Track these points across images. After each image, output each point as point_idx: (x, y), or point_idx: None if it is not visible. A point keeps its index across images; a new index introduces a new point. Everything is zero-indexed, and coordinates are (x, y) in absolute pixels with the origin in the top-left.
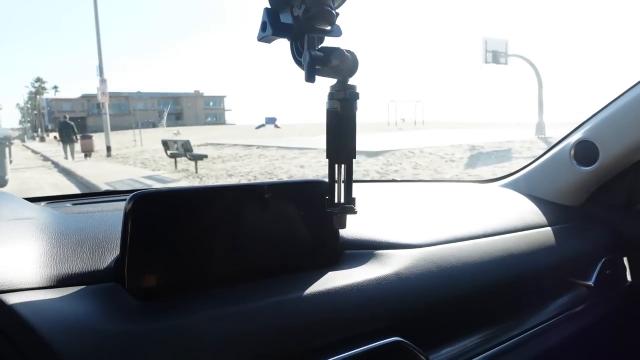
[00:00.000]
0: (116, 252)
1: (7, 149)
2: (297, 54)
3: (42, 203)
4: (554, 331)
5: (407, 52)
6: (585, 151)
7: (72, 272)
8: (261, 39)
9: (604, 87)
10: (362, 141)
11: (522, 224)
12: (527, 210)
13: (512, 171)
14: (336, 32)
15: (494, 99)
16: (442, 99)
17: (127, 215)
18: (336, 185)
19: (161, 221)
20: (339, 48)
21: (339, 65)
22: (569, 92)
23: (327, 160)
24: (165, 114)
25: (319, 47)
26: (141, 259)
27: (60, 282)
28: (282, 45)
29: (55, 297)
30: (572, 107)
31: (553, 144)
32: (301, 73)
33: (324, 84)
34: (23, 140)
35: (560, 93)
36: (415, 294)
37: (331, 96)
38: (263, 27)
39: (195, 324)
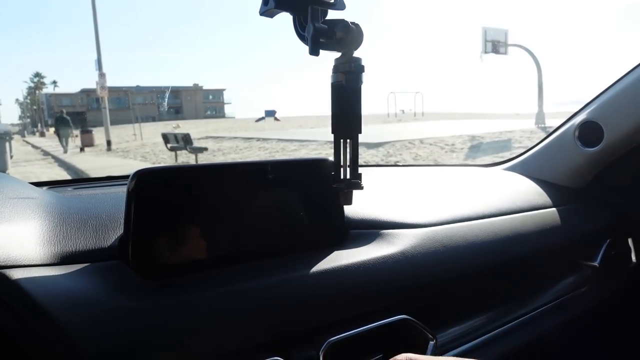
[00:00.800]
0: (120, 231)
1: (7, 144)
2: (300, 28)
3: (44, 188)
4: (559, 311)
5: (407, 43)
6: (589, 132)
7: (76, 250)
8: (263, 12)
9: (601, 77)
10: (362, 133)
11: (528, 205)
12: (531, 192)
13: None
14: (340, 4)
15: (493, 90)
16: (442, 90)
17: (131, 193)
18: (342, 161)
19: (165, 199)
20: (343, 20)
21: (344, 37)
22: (567, 82)
23: (327, 152)
24: (166, 98)
25: (323, 20)
26: (146, 237)
27: (64, 259)
28: (284, 28)
29: (59, 273)
30: (570, 97)
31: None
32: (302, 64)
33: (326, 73)
34: (23, 136)
35: (559, 83)
36: (422, 273)
37: (336, 69)
38: (265, 0)
39: (201, 301)
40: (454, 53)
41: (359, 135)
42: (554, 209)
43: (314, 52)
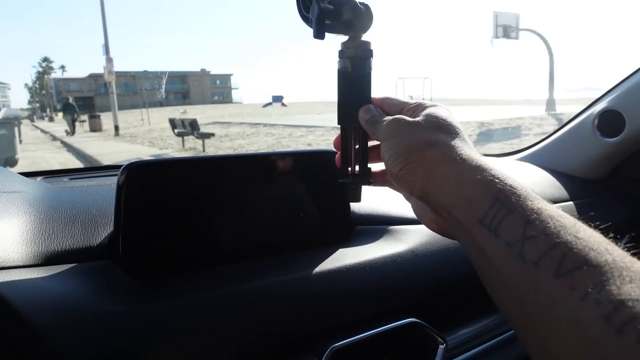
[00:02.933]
0: (111, 227)
1: (16, 129)
2: (304, 9)
3: (39, 178)
4: None
5: (416, 27)
6: (610, 121)
7: (62, 249)
8: None
9: (615, 64)
10: None
11: (546, 198)
12: (547, 184)
13: (522, 147)
14: None
15: (504, 75)
16: (451, 76)
17: (120, 187)
18: (349, 153)
19: (158, 194)
20: (351, 0)
21: (352, 18)
22: (579, 68)
23: (334, 138)
24: (163, 84)
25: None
26: (137, 235)
27: (48, 259)
28: (291, 13)
29: (41, 275)
30: (582, 84)
31: (564, 120)
32: (309, 49)
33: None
34: (32, 120)
35: (571, 69)
36: (432, 272)
37: (342, 54)
38: None
39: (197, 304)
40: (464, 38)
41: None
42: (570, 202)
43: (319, 35)
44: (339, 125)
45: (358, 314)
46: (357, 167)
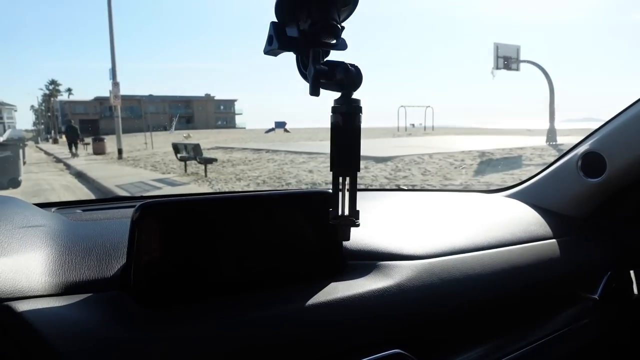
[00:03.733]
0: (123, 260)
1: (21, 151)
2: (302, 67)
3: (53, 209)
4: (558, 345)
5: (418, 57)
6: (592, 163)
7: (79, 280)
8: (267, 52)
9: (615, 96)
10: (371, 146)
11: (527, 236)
12: (532, 222)
13: (522, 179)
14: (341, 45)
15: (505, 105)
16: (453, 105)
17: (134, 224)
18: (340, 197)
19: (167, 230)
20: (343, 62)
21: (343, 79)
22: (579, 99)
23: None
24: (175, 119)
25: (324, 60)
26: (147, 267)
27: (68, 289)
28: (290, 54)
29: (62, 304)
30: (582, 114)
31: (563, 152)
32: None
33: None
34: (37, 142)
35: (572, 100)
36: (417, 306)
37: (335, 110)
38: (269, 40)
39: (200, 332)
40: (466, 68)
41: (364, 155)
42: (554, 240)
43: (315, 92)
44: (331, 172)
45: (347, 344)
46: (346, 210)
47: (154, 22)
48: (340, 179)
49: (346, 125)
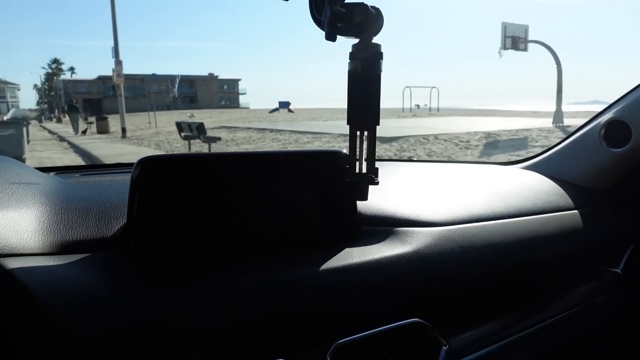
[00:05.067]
0: (123, 220)
1: (24, 129)
2: (316, 12)
3: (52, 173)
4: (578, 319)
5: (424, 36)
6: (616, 132)
7: (77, 239)
8: None
9: (622, 77)
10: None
11: (548, 206)
12: (552, 193)
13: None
14: None
15: (511, 86)
16: (459, 86)
17: (135, 181)
18: (357, 153)
19: (170, 188)
20: (363, 3)
21: (362, 21)
22: (587, 81)
23: (340, 145)
24: (176, 85)
25: (341, 3)
26: (149, 227)
27: (64, 249)
28: (299, 19)
29: (57, 263)
30: (589, 96)
31: (569, 132)
32: (317, 56)
33: (342, 65)
34: (40, 121)
35: (579, 82)
36: (436, 274)
37: (352, 56)
38: None
39: (205, 295)
40: (472, 48)
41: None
42: (575, 211)
43: (331, 37)
44: (348, 125)
45: (362, 312)
46: (364, 167)
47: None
48: (358, 134)
49: (366, 73)
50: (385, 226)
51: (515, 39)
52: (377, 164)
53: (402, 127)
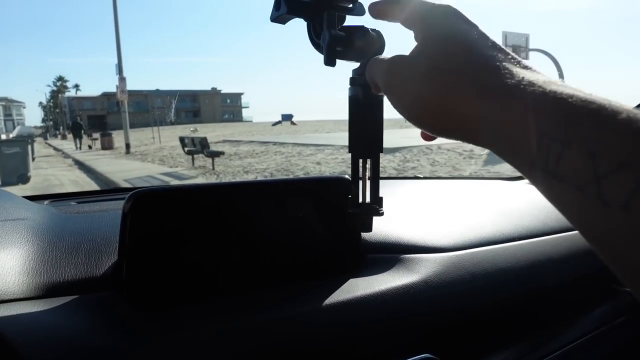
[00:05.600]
0: (115, 256)
1: (29, 147)
2: (315, 36)
3: (46, 202)
4: (596, 344)
5: None
6: None
7: (64, 280)
8: (274, 19)
9: (622, 85)
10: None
11: (559, 226)
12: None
13: None
14: (359, 10)
15: None
16: None
17: (126, 215)
18: (360, 182)
19: (164, 223)
20: (363, 26)
21: (363, 45)
22: (589, 89)
23: (343, 157)
24: (173, 108)
25: (340, 27)
26: (142, 265)
27: (50, 291)
28: (300, 36)
29: (42, 309)
30: None
31: None
32: (318, 68)
33: (344, 79)
34: (45, 138)
35: (588, 89)
36: (446, 304)
37: (353, 81)
38: (277, 5)
39: (203, 337)
40: None
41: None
42: None
43: (330, 62)
44: (350, 153)
45: (370, 348)
46: (367, 197)
47: (160, 16)
48: (361, 162)
49: (367, 99)
50: (391, 253)
51: (516, 48)
52: (380, 183)
53: (405, 138)
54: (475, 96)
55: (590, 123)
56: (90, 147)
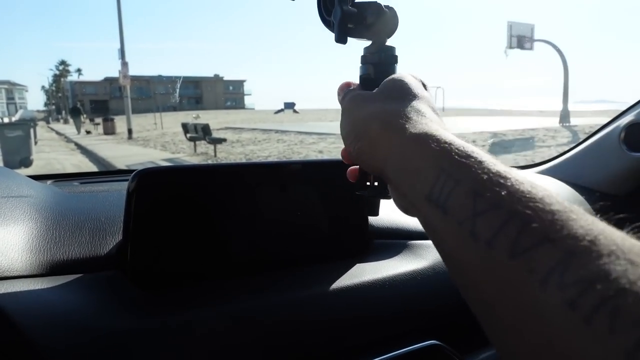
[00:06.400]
0: (119, 236)
1: (32, 130)
2: (325, 13)
3: (49, 181)
4: None
5: (429, 35)
6: (637, 135)
7: (68, 259)
8: None
9: (628, 76)
10: None
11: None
12: (570, 199)
13: (535, 160)
14: None
15: (517, 86)
16: (464, 85)
17: (131, 194)
18: None
19: (169, 202)
20: (375, 2)
21: (375, 22)
22: (594, 81)
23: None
24: (177, 89)
25: (352, 2)
26: (146, 244)
27: (54, 269)
28: (304, 25)
29: (46, 286)
30: (596, 96)
31: (578, 132)
32: (322, 57)
33: (348, 69)
34: (48, 122)
35: (586, 81)
36: (452, 291)
37: (364, 60)
38: None
39: (208, 319)
40: (478, 47)
41: None
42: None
43: (341, 39)
44: None
45: (376, 334)
46: (375, 180)
47: (163, 1)
48: None
49: (378, 79)
50: (398, 239)
51: (521, 38)
52: None
53: None
54: (395, 130)
55: (477, 167)
56: (88, 132)
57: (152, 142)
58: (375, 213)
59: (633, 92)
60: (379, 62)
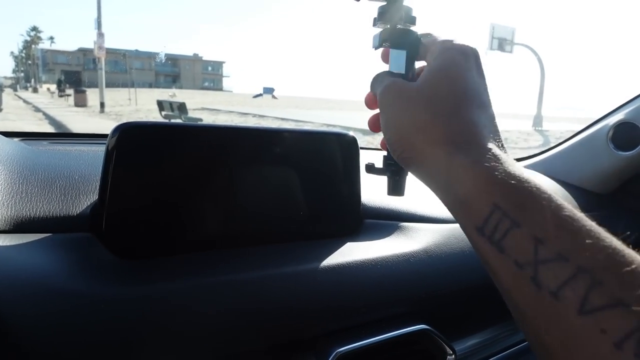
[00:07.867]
0: (94, 196)
1: None
2: None
3: (17, 139)
4: None
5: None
6: (625, 134)
7: (36, 216)
8: None
9: (601, 86)
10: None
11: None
12: (555, 194)
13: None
14: None
15: (494, 87)
16: None
17: (111, 151)
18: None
19: (152, 162)
20: None
21: None
22: (568, 88)
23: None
24: (163, 53)
25: None
26: (124, 206)
27: (19, 226)
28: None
29: (9, 244)
30: (567, 103)
31: (549, 137)
32: (303, 44)
33: (329, 58)
34: (15, 90)
35: (561, 87)
36: (445, 276)
37: (378, 22)
38: None
39: (188, 291)
40: None
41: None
42: None
43: None
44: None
45: (365, 315)
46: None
47: None
48: None
49: (396, 43)
50: (390, 220)
51: (502, 41)
52: (381, 153)
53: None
54: (444, 149)
55: (540, 211)
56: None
57: (125, 118)
58: (400, 192)
59: (597, 100)
60: (395, 24)
